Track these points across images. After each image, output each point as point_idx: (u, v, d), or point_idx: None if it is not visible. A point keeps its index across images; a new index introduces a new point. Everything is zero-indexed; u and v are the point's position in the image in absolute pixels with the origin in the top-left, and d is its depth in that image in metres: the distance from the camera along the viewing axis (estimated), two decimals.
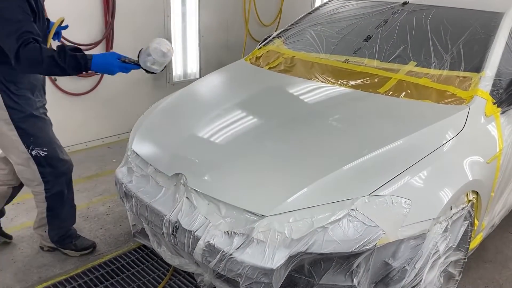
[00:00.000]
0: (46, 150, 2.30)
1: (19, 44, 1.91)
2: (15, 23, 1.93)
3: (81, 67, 2.01)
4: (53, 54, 1.96)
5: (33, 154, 2.28)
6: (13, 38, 1.92)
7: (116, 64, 2.04)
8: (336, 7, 3.15)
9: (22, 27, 1.94)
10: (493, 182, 2.16)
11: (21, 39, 1.92)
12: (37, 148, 2.28)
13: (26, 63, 1.96)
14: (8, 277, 2.43)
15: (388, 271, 1.66)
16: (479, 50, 2.36)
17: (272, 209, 1.70)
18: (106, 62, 2.03)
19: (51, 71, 2.05)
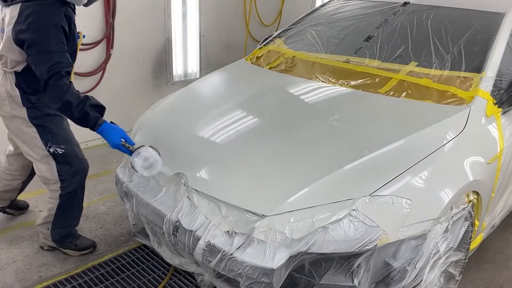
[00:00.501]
0: (63, 148, 2.35)
1: (49, 75, 2.00)
2: (49, 53, 2.01)
3: (88, 126, 2.08)
4: (72, 101, 2.03)
5: (51, 151, 2.32)
6: (45, 68, 2.00)
7: (116, 142, 2.06)
8: (336, 7, 3.15)
9: (56, 57, 2.02)
10: (494, 182, 2.16)
11: (52, 71, 2.00)
12: (55, 145, 2.32)
13: (48, 96, 2.06)
14: (8, 276, 2.43)
15: (389, 271, 1.65)
16: (480, 51, 2.36)
17: (273, 209, 1.70)
18: (110, 134, 2.07)
19: (62, 111, 2.11)
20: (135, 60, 4.41)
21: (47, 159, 2.36)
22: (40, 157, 2.36)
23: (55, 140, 2.33)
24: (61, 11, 2.08)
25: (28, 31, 2.01)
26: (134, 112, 3.67)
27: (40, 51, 2.02)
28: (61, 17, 2.07)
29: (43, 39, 2.02)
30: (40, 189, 3.36)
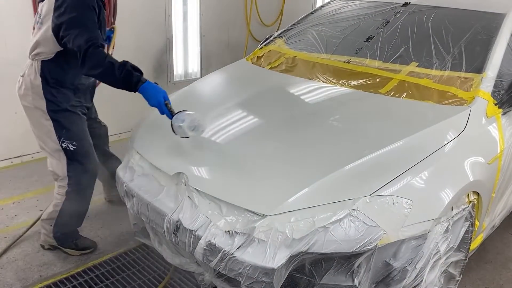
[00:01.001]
0: (75, 145, 2.40)
1: (88, 46, 2.09)
2: (86, 28, 2.14)
3: (131, 85, 2.12)
4: (114, 62, 2.11)
5: (63, 146, 2.38)
6: (82, 40, 2.10)
7: (160, 101, 2.11)
8: (337, 7, 3.15)
9: (92, 31, 2.14)
10: (494, 183, 2.16)
11: (90, 41, 2.10)
12: (67, 141, 2.38)
13: (89, 64, 2.11)
14: (9, 276, 2.44)
15: (389, 271, 1.66)
16: (481, 51, 2.36)
17: (274, 209, 1.70)
18: (154, 93, 2.12)
19: (104, 78, 2.15)
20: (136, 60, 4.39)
21: (59, 154, 2.40)
22: (53, 151, 2.41)
23: (68, 136, 2.38)
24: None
25: (66, 12, 2.14)
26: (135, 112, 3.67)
27: (77, 26, 2.12)
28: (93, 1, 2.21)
29: (80, 16, 2.14)
30: (40, 188, 3.37)
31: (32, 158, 3.86)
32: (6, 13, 3.47)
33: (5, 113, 3.65)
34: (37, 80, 2.31)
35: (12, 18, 3.51)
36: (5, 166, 3.72)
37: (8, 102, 3.64)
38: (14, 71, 3.60)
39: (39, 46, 2.30)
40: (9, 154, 3.75)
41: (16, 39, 3.57)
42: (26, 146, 3.82)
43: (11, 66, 3.58)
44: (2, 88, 3.58)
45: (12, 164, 3.76)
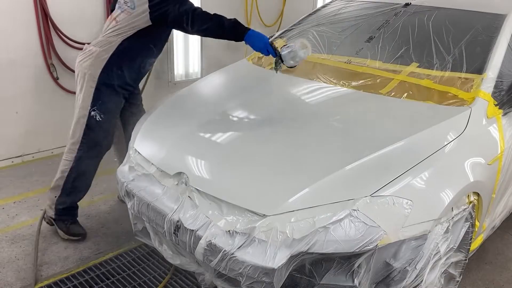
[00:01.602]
0: (102, 117, 2.58)
1: (193, 9, 2.39)
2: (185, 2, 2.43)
3: (239, 33, 2.35)
4: (220, 15, 2.39)
5: (91, 114, 2.56)
6: (187, 6, 2.40)
7: (266, 42, 2.32)
8: (338, 8, 3.15)
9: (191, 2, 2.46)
10: (494, 183, 2.16)
11: (193, 6, 2.42)
12: (98, 111, 2.56)
13: (199, 21, 2.38)
14: (10, 275, 2.44)
15: (389, 272, 1.66)
16: (481, 52, 2.36)
17: (274, 209, 1.70)
18: (259, 37, 2.34)
19: (214, 31, 2.39)
20: None
21: (84, 118, 2.56)
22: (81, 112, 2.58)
23: (101, 107, 2.56)
24: None
25: None
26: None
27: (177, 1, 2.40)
28: None
29: None
30: (41, 188, 3.38)
31: (33, 158, 3.87)
32: (9, 14, 3.47)
33: (7, 113, 3.65)
34: (107, 54, 2.53)
35: (15, 18, 3.51)
36: (6, 165, 3.72)
37: (10, 102, 3.65)
38: (16, 71, 3.62)
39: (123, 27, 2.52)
40: (10, 154, 3.76)
41: (18, 39, 3.57)
42: (27, 146, 3.83)
43: (13, 66, 3.59)
44: (3, 88, 3.59)
45: (13, 164, 3.76)
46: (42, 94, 3.82)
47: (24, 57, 3.64)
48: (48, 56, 3.74)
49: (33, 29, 3.62)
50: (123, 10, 2.53)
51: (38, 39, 3.66)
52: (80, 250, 2.67)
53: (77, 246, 2.70)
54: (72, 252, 2.65)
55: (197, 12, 2.37)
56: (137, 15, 2.47)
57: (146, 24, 2.48)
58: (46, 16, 3.64)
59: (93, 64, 2.54)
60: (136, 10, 2.47)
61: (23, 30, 3.59)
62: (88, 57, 2.56)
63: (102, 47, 2.55)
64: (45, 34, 3.68)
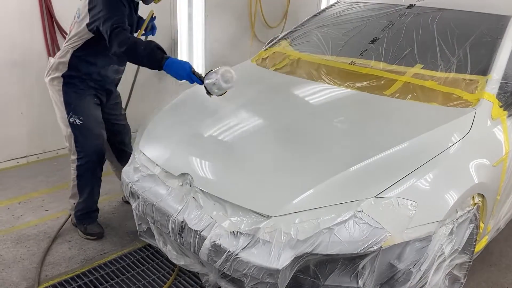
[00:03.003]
0: (82, 120, 2.57)
1: (113, 27, 2.27)
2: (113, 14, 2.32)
3: (156, 62, 2.22)
4: (137, 41, 2.27)
5: (71, 121, 2.56)
6: (110, 23, 2.29)
7: (187, 72, 2.20)
8: (342, 9, 3.15)
9: (119, 18, 2.33)
10: (499, 185, 2.15)
11: (115, 24, 2.29)
12: (74, 116, 2.56)
13: (116, 42, 2.26)
14: (15, 275, 2.45)
15: (394, 273, 1.66)
16: (486, 53, 2.36)
17: (278, 210, 1.71)
18: (179, 67, 2.21)
19: (131, 56, 2.28)
20: None
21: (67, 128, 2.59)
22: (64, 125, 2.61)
23: (76, 111, 2.55)
24: None
25: (97, 3, 2.37)
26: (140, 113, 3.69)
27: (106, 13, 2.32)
28: None
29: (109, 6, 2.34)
30: (46, 188, 3.39)
31: (38, 158, 3.89)
32: (13, 15, 3.49)
33: (11, 113, 3.67)
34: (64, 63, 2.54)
35: (20, 19, 3.53)
36: (11, 166, 3.74)
37: (15, 103, 3.67)
38: (19, 72, 3.64)
39: (73, 37, 2.52)
40: (15, 155, 3.77)
41: (23, 40, 3.59)
42: (31, 147, 3.85)
43: (18, 67, 3.61)
44: (8, 89, 3.61)
45: (18, 164, 3.78)
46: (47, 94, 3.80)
47: (29, 57, 3.65)
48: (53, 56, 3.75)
49: (38, 30, 3.64)
50: (73, 20, 2.56)
51: (43, 40, 3.68)
52: (85, 251, 2.68)
53: (82, 247, 2.71)
54: (77, 253, 2.66)
55: (115, 32, 2.27)
56: (81, 24, 2.46)
57: (90, 34, 2.46)
58: (51, 16, 3.66)
59: (54, 75, 2.57)
60: (80, 20, 2.47)
61: (28, 31, 3.61)
62: (49, 70, 2.61)
63: (59, 58, 2.57)
64: (50, 34, 3.70)
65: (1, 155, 3.69)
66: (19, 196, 3.28)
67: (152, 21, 2.92)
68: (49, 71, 2.61)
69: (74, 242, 2.75)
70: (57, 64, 2.57)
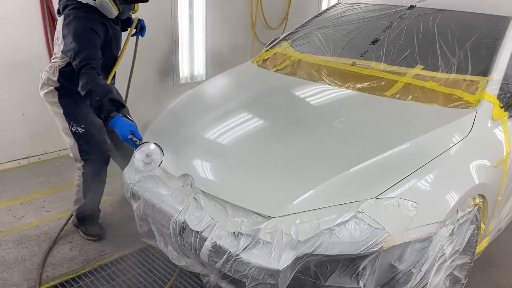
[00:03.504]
0: (84, 128, 2.60)
1: (81, 65, 2.28)
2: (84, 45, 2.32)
3: (101, 117, 2.23)
4: (93, 90, 2.24)
5: (73, 130, 2.59)
6: (78, 59, 2.29)
7: (126, 135, 2.14)
8: (343, 10, 3.16)
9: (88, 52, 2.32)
10: (500, 186, 2.15)
11: (84, 61, 2.29)
12: (76, 125, 2.59)
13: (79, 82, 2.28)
14: (16, 276, 2.46)
15: (394, 274, 1.66)
16: (487, 54, 2.36)
17: (279, 211, 1.71)
18: (121, 127, 2.16)
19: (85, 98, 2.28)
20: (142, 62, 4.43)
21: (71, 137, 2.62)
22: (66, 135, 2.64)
23: (76, 120, 2.59)
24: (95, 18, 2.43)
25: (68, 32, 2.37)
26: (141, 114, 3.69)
27: (75, 46, 2.32)
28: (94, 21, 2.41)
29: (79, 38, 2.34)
30: (47, 189, 3.40)
31: (39, 159, 3.89)
32: (15, 16, 3.50)
33: (13, 114, 3.68)
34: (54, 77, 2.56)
35: (22, 22, 3.54)
36: (12, 167, 3.75)
37: (16, 104, 3.68)
38: (22, 74, 3.65)
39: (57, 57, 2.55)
40: (16, 156, 3.78)
41: (24, 42, 3.60)
42: (33, 148, 3.85)
43: (19, 69, 3.62)
44: (10, 90, 3.62)
45: (19, 165, 3.79)
46: None
47: (31, 60, 3.66)
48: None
49: (39, 33, 3.65)
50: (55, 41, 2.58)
51: (44, 42, 3.69)
52: (86, 252, 2.68)
53: (83, 248, 2.72)
54: (78, 253, 2.66)
55: (81, 72, 2.28)
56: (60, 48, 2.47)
57: None
58: (53, 19, 3.67)
59: (47, 89, 2.60)
60: (59, 43, 2.49)
61: (30, 34, 3.62)
62: (41, 85, 2.63)
63: (49, 74, 2.58)
64: (52, 36, 3.70)
65: (3, 156, 3.70)
66: (20, 197, 3.29)
67: (139, 23, 2.96)
68: (42, 86, 2.63)
69: (75, 243, 2.76)
70: (47, 79, 2.59)
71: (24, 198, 3.27)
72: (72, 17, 2.38)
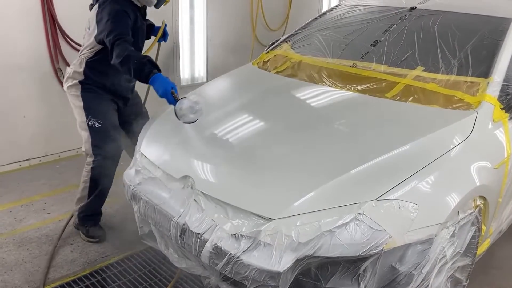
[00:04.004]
0: (100, 123, 2.66)
1: (116, 39, 2.39)
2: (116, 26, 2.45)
3: (143, 75, 2.32)
4: (132, 55, 2.35)
5: (90, 124, 2.64)
6: (112, 34, 2.42)
7: (167, 91, 2.26)
8: (343, 12, 3.16)
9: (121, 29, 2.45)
10: (501, 187, 2.15)
11: (118, 35, 2.41)
12: (93, 119, 2.65)
13: (114, 54, 2.38)
14: (17, 278, 2.46)
15: (395, 276, 1.65)
16: (487, 56, 2.36)
17: (280, 213, 1.71)
18: (163, 85, 2.27)
19: (123, 67, 2.36)
20: None
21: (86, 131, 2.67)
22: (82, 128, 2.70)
23: (94, 114, 2.65)
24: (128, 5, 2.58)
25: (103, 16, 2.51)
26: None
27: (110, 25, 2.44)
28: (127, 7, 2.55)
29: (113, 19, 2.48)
30: (48, 191, 3.40)
31: (40, 161, 3.90)
32: (16, 19, 3.51)
33: (14, 117, 3.69)
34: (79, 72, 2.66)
35: (23, 24, 3.55)
36: (14, 169, 3.75)
37: (17, 106, 3.69)
38: (23, 76, 3.66)
39: (85, 48, 2.65)
40: (18, 158, 3.79)
41: (26, 44, 3.61)
42: (34, 150, 3.86)
43: (20, 71, 3.63)
44: (11, 93, 3.62)
45: (20, 167, 3.79)
46: (49, 98, 3.85)
47: (32, 61, 3.67)
48: (56, 60, 3.78)
49: (40, 34, 3.66)
50: (85, 31, 2.68)
51: (45, 44, 3.70)
52: (87, 253, 2.68)
53: (84, 249, 2.72)
54: (79, 255, 2.66)
55: (116, 44, 2.40)
56: (91, 36, 2.58)
57: (99, 45, 2.58)
58: (54, 21, 3.68)
59: (72, 83, 2.68)
60: (90, 31, 2.60)
61: (31, 35, 3.63)
62: (67, 78, 2.72)
63: (75, 67, 2.68)
64: (53, 39, 3.72)
65: (4, 158, 3.71)
66: (21, 199, 3.29)
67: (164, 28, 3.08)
68: (67, 80, 2.72)
69: (76, 245, 2.76)
70: (73, 72, 2.68)
71: (25, 200, 3.28)
72: (107, 3, 2.52)
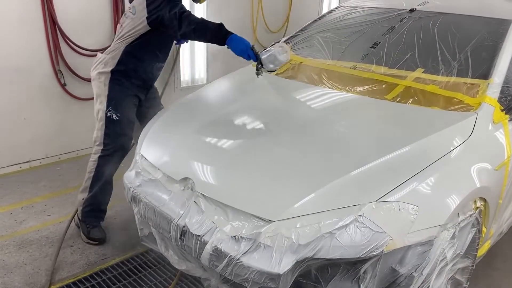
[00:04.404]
0: (119, 116, 2.69)
1: (181, 12, 2.48)
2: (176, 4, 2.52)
3: (221, 37, 2.43)
4: (204, 21, 2.48)
5: (108, 114, 2.67)
6: (176, 9, 2.49)
7: (247, 47, 2.41)
8: (343, 14, 3.16)
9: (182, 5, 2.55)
10: (501, 189, 2.15)
11: (182, 9, 2.51)
12: (113, 111, 2.67)
13: (185, 23, 2.45)
14: (17, 280, 2.46)
15: (395, 278, 1.65)
16: (487, 57, 2.36)
17: (279, 214, 1.71)
18: (241, 42, 2.42)
19: (198, 33, 2.47)
20: None
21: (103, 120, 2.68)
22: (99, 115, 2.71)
23: (115, 106, 2.68)
24: None
25: None
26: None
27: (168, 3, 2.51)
28: None
29: None
30: (49, 193, 3.40)
31: (40, 163, 3.90)
32: (17, 21, 3.52)
33: (14, 118, 3.69)
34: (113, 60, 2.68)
35: (23, 26, 3.56)
36: (14, 171, 3.76)
37: (18, 108, 3.69)
38: (24, 78, 3.67)
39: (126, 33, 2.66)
40: (18, 160, 3.79)
41: (26, 46, 3.61)
42: (34, 152, 3.86)
43: (21, 73, 3.63)
44: (11, 94, 3.63)
45: (21, 169, 3.80)
46: (50, 100, 3.86)
47: (32, 63, 3.68)
48: (56, 62, 3.78)
49: (41, 36, 3.67)
50: (127, 16, 2.68)
51: (46, 46, 3.71)
52: (87, 255, 2.68)
53: (84, 251, 2.72)
54: (79, 257, 2.66)
55: (185, 14, 2.48)
56: (137, 19, 2.59)
57: (145, 29, 2.60)
58: (54, 23, 3.68)
59: (102, 70, 2.69)
60: (136, 16, 2.60)
61: (31, 37, 3.63)
62: (98, 64, 2.72)
63: (110, 53, 2.70)
64: (53, 41, 3.72)
65: (4, 160, 3.71)
66: (21, 201, 3.30)
67: None
68: (97, 65, 2.73)
69: (76, 247, 2.76)
70: (107, 59, 2.69)
71: (25, 202, 3.28)
72: None
